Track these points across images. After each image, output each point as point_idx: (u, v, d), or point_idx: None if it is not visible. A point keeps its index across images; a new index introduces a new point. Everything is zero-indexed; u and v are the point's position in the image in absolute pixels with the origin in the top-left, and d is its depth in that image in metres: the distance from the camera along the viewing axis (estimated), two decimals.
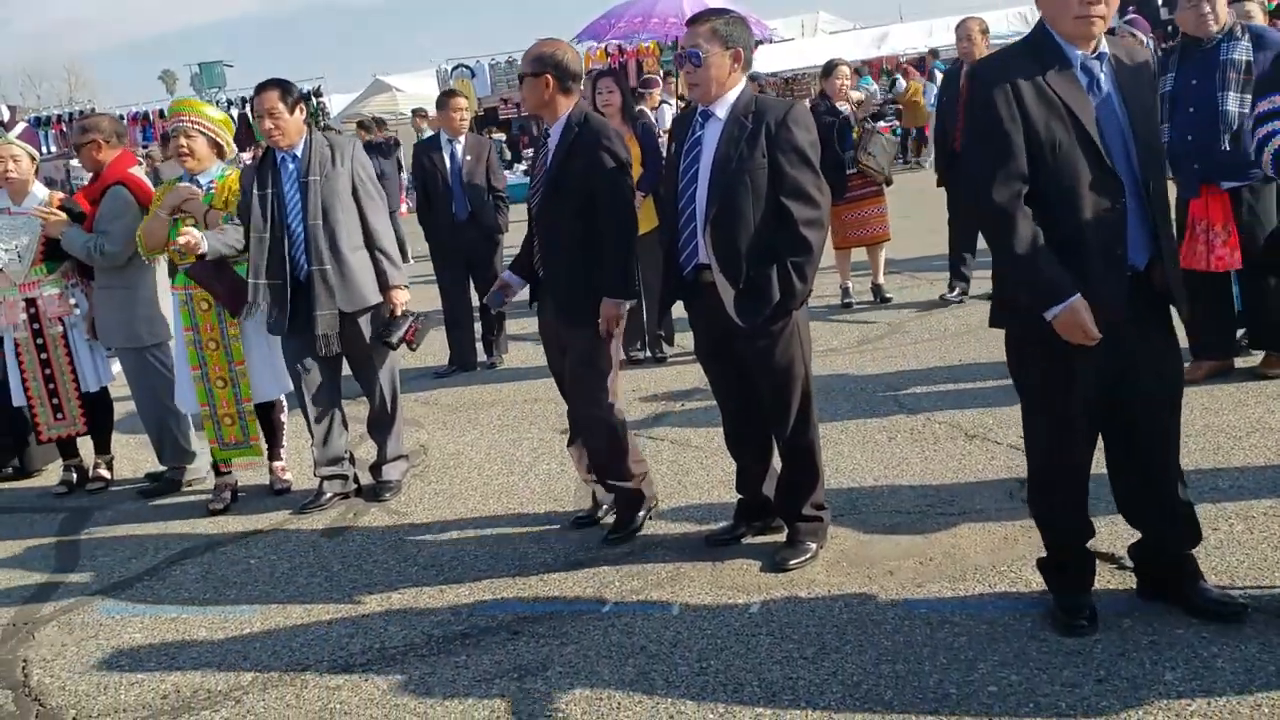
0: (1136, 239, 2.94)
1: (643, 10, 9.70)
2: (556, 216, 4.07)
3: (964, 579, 3.57)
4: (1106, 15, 2.88)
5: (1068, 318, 2.86)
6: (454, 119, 7.33)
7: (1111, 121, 2.92)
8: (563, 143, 4.07)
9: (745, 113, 3.69)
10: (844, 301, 8.22)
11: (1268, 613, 3.10)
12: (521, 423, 6.03)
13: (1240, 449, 4.40)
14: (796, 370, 3.77)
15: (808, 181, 3.65)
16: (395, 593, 4.02)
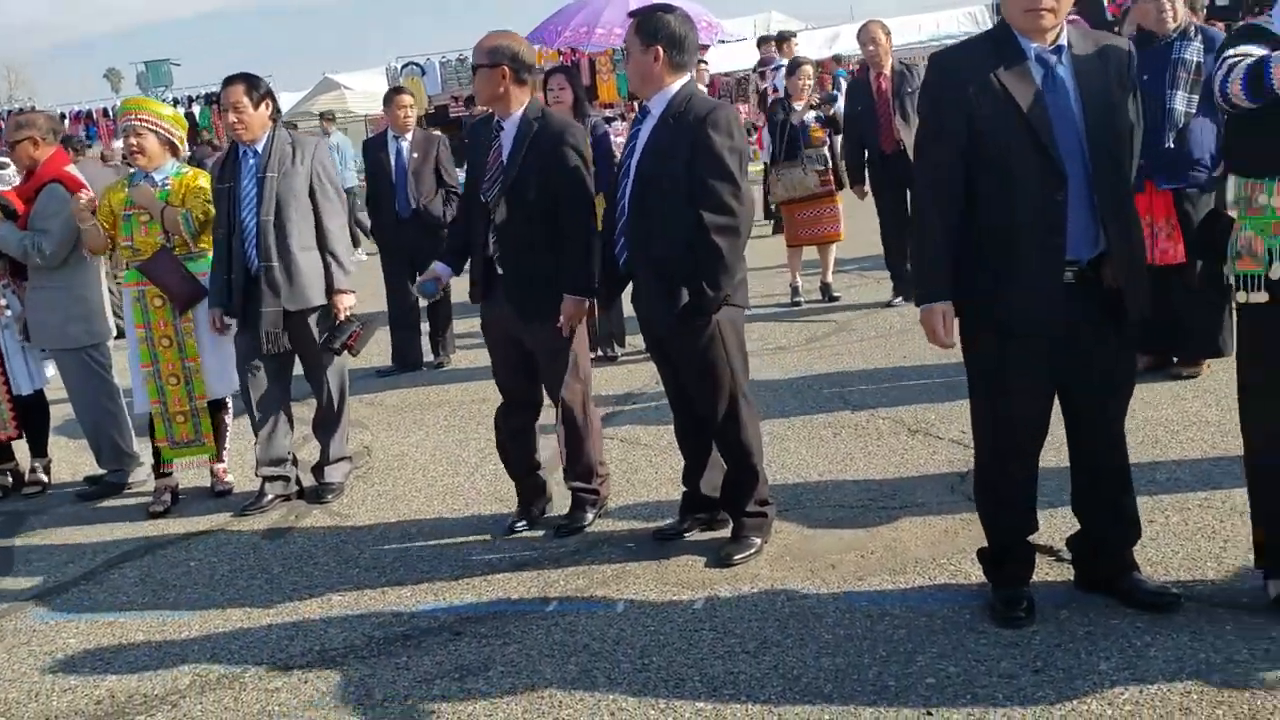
0: (1080, 232, 2.97)
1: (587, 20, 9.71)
2: (517, 214, 4.03)
3: (904, 572, 3.59)
4: (1056, 9, 2.91)
5: (925, 318, 3.05)
6: (399, 116, 7.27)
7: (1062, 115, 2.94)
8: (520, 138, 4.04)
9: (675, 112, 3.68)
10: (794, 300, 8.26)
11: (1199, 602, 3.16)
12: (468, 423, 5.99)
13: (1177, 442, 4.47)
14: (720, 373, 3.75)
15: (722, 188, 3.59)
16: (336, 594, 3.97)
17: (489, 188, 4.09)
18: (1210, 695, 2.70)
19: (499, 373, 4.32)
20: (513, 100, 4.06)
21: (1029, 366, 3.02)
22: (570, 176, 4.00)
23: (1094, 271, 3.01)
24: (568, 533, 4.22)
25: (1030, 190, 2.93)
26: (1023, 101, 2.91)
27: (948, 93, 2.98)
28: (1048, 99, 2.93)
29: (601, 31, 9.40)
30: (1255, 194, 2.91)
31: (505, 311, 4.14)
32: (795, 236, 8.24)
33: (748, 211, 3.69)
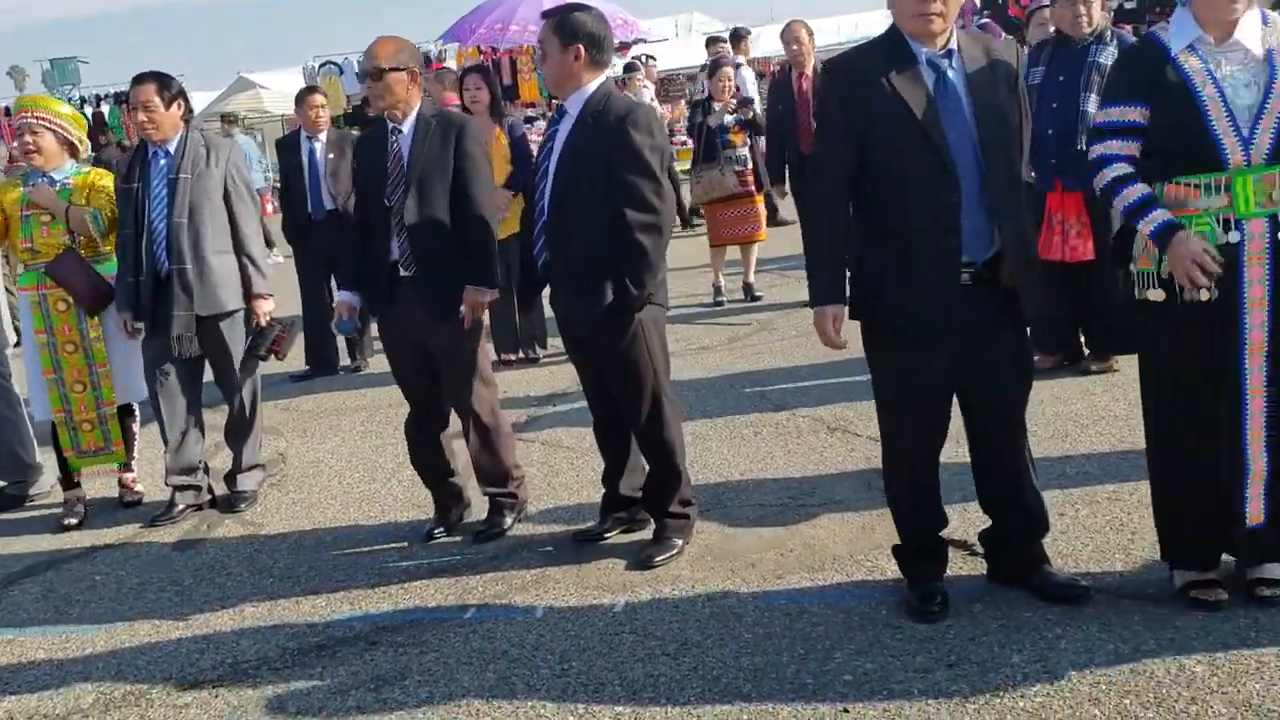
0: (975, 233, 3.01)
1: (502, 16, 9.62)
2: (425, 213, 4.00)
3: (823, 569, 3.61)
4: (945, 13, 2.94)
5: (817, 320, 3.14)
6: (310, 116, 7.13)
7: (954, 117, 2.98)
8: (419, 138, 4.02)
9: (593, 111, 3.67)
10: (716, 300, 8.29)
11: (1108, 594, 3.22)
12: (385, 428, 5.90)
13: (1086, 436, 4.57)
14: (643, 372, 3.75)
15: (644, 186, 3.60)
16: (249, 606, 3.87)
17: (392, 191, 4.03)
18: (1118, 685, 2.76)
19: (407, 381, 4.24)
20: (412, 102, 4.06)
21: (928, 367, 3.06)
22: (472, 167, 4.02)
23: (990, 272, 3.05)
24: (486, 538, 4.17)
25: (924, 193, 2.96)
26: (915, 106, 2.94)
27: (841, 97, 3.03)
28: (939, 103, 2.97)
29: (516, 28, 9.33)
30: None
31: (411, 317, 4.07)
32: (717, 236, 8.27)
33: (669, 209, 3.70)
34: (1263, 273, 2.87)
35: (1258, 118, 2.82)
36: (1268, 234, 2.86)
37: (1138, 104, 2.91)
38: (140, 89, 4.67)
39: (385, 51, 4.04)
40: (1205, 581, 3.07)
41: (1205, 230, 2.87)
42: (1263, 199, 2.85)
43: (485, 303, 4.10)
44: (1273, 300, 2.88)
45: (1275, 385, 2.92)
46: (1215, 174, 2.85)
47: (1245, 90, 2.83)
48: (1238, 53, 2.85)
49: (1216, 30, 2.86)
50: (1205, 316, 2.90)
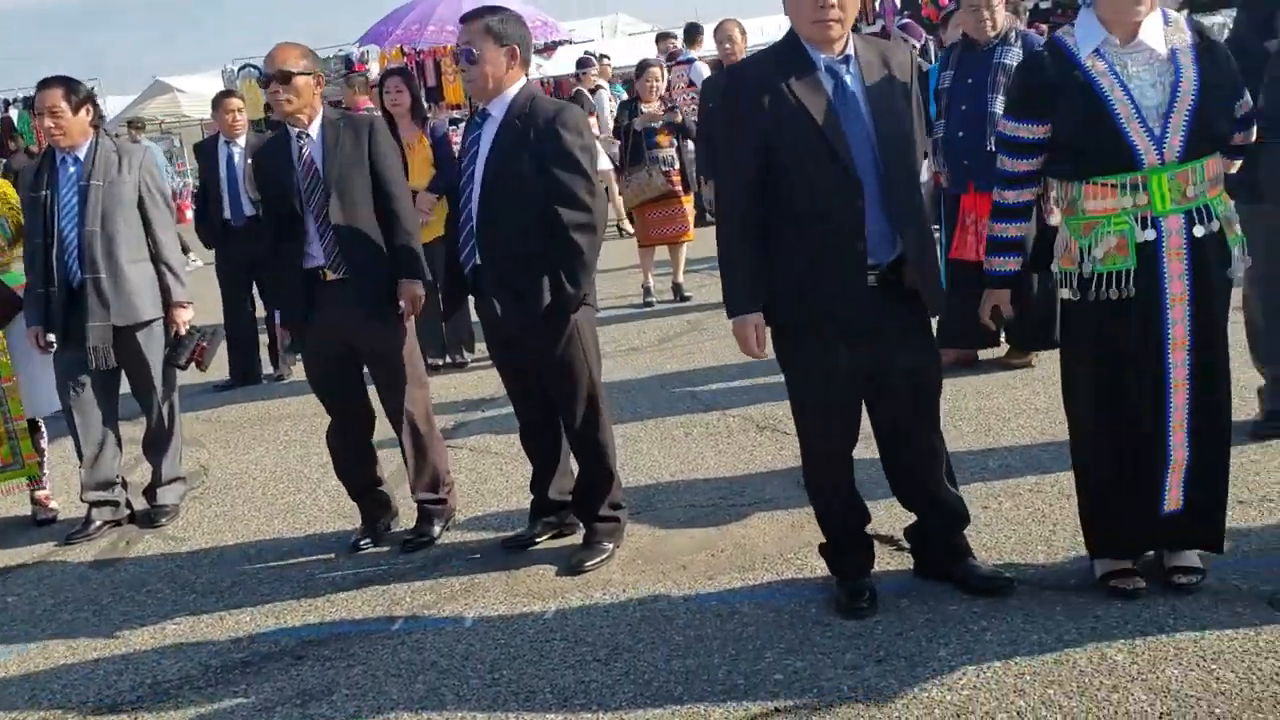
0: (878, 236, 3.04)
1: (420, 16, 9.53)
2: (352, 214, 3.97)
3: (753, 569, 3.62)
4: (843, 19, 2.97)
5: (738, 329, 3.11)
6: (227, 120, 6.98)
7: (854, 122, 3.01)
8: (328, 140, 4.00)
9: (520, 114, 3.65)
10: (645, 300, 8.29)
11: (1032, 585, 3.27)
12: (310, 437, 5.78)
13: (1008, 429, 4.65)
14: (579, 373, 3.74)
15: (577, 185, 3.60)
16: (170, 624, 3.77)
17: (309, 196, 3.98)
18: (1043, 675, 2.80)
19: (332, 390, 4.16)
20: (317, 106, 4.05)
21: (839, 368, 3.09)
22: (387, 167, 4.05)
23: (894, 274, 3.09)
24: (414, 547, 4.11)
25: (830, 198, 2.99)
26: (816, 112, 2.96)
27: (744, 105, 3.03)
28: (839, 108, 2.99)
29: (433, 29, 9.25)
30: (1070, 195, 3.03)
31: (339, 321, 4.01)
32: (646, 237, 8.27)
33: (602, 207, 3.71)
34: (1181, 268, 2.93)
35: (1167, 117, 2.87)
36: (1184, 230, 2.92)
37: (1036, 121, 2.97)
38: (46, 94, 4.55)
39: (291, 55, 4.01)
40: (1124, 571, 3.14)
41: (1124, 229, 2.93)
42: (1177, 196, 2.91)
43: (422, 295, 4.08)
44: (1193, 294, 2.94)
45: (1196, 378, 2.99)
46: (1131, 173, 2.91)
47: (1152, 90, 2.89)
48: (1143, 53, 2.90)
49: (1121, 31, 2.91)
50: (1127, 312, 2.96)
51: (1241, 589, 3.09)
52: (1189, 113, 2.88)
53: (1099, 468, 3.12)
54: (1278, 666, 2.71)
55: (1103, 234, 2.95)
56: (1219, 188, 3.01)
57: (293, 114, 3.99)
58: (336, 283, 4.01)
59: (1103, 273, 2.95)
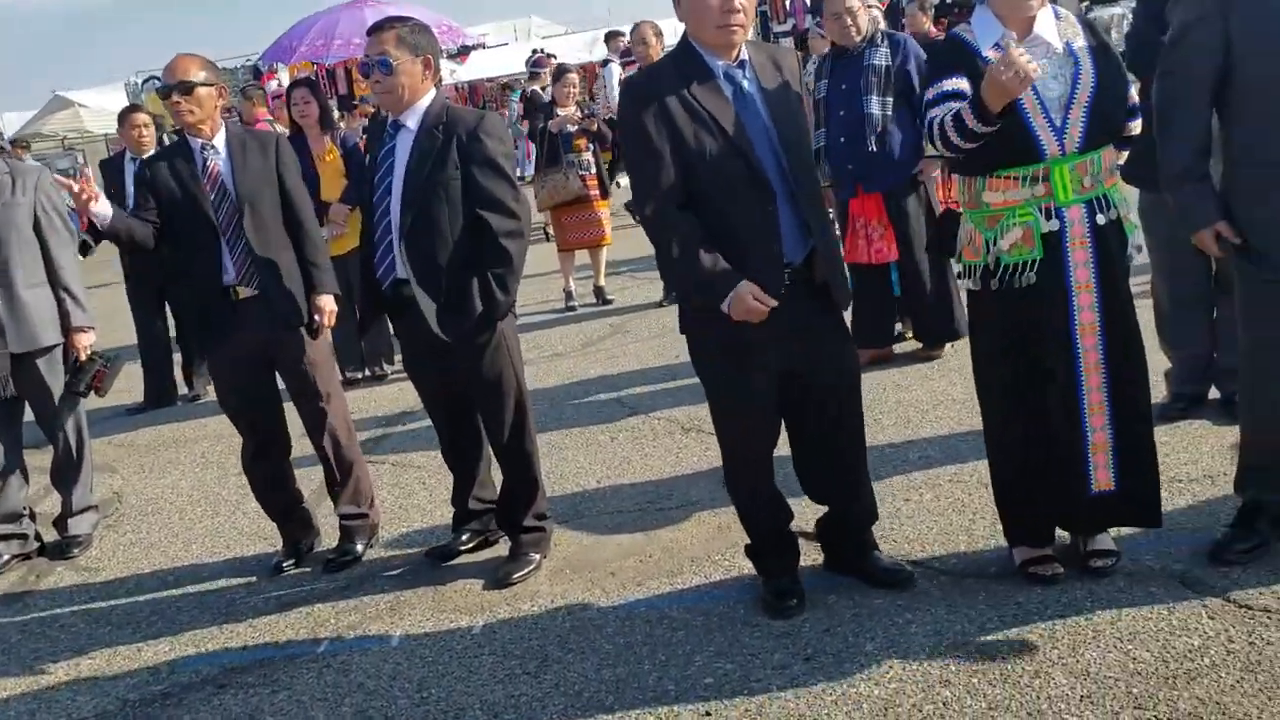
0: (790, 236, 3.06)
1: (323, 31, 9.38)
2: (264, 228, 3.92)
3: (681, 573, 3.62)
4: (746, 25, 2.99)
5: (739, 304, 2.96)
6: (134, 136, 6.79)
7: (757, 128, 3.03)
8: (235, 153, 3.94)
9: (437, 123, 3.60)
10: (567, 305, 8.26)
11: (953, 575, 3.32)
12: (228, 458, 5.64)
13: (927, 421, 4.72)
14: (507, 381, 3.72)
15: (504, 192, 3.59)
16: (85, 658, 3.66)
17: (218, 210, 3.89)
18: (967, 664, 2.84)
19: (247, 410, 4.07)
20: (219, 119, 3.99)
21: (758, 368, 3.09)
22: (294, 182, 4.04)
23: (806, 271, 3.11)
24: (338, 566, 4.04)
25: (744, 206, 2.99)
26: (721, 119, 2.97)
27: (648, 117, 2.98)
28: (741, 113, 3.00)
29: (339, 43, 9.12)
30: (973, 190, 3.07)
31: (255, 336, 3.93)
32: (565, 241, 8.25)
33: (528, 214, 3.70)
34: (1086, 256, 3.00)
35: (1067, 108, 2.94)
36: (1086, 219, 2.99)
37: (960, 75, 2.96)
38: None
39: (191, 65, 3.92)
40: (1042, 558, 3.20)
41: (1029, 220, 2.98)
42: (1078, 186, 2.98)
43: (335, 309, 4.05)
44: (1099, 280, 3.01)
45: (1110, 361, 3.05)
46: (1033, 165, 2.96)
47: (1053, 82, 2.95)
48: (1040, 47, 2.96)
49: (1017, 26, 2.97)
50: (1034, 301, 3.01)
51: (1155, 569, 3.18)
52: (1088, 104, 2.95)
53: (1013, 455, 3.18)
54: (1191, 644, 2.78)
55: (1007, 226, 3.00)
56: (1115, 177, 3.10)
57: (194, 125, 3.90)
58: (249, 300, 3.92)
59: (1009, 263, 3.01)
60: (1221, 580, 3.05)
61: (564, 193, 7.92)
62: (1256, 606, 2.90)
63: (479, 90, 20.33)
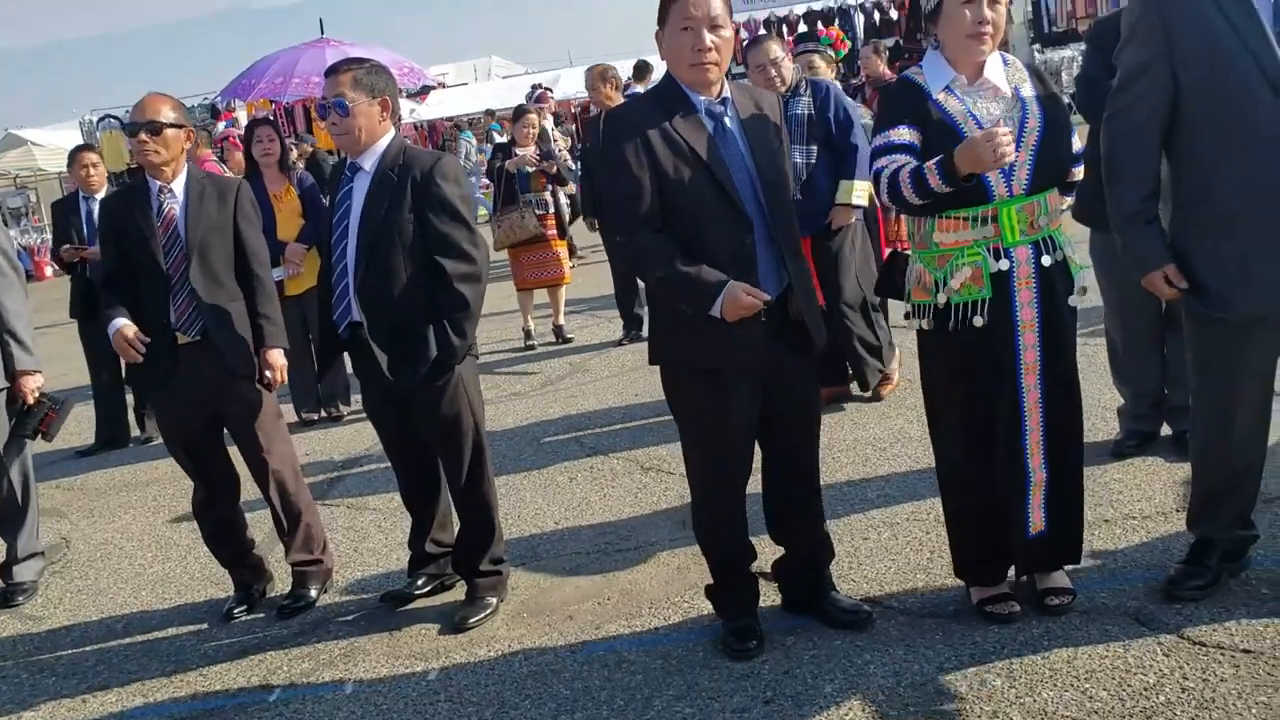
0: (766, 271, 3.08)
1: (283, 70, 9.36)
2: (211, 274, 3.86)
3: (640, 615, 3.59)
4: (719, 62, 3.02)
5: (731, 304, 2.94)
6: (83, 176, 6.71)
7: (737, 163, 3.05)
8: (193, 198, 3.90)
9: (393, 165, 3.58)
10: (526, 344, 8.25)
11: (911, 614, 3.32)
12: (179, 501, 5.55)
13: (885, 459, 4.73)
14: (465, 424, 3.68)
15: (460, 236, 3.57)
16: (28, 711, 3.55)
17: (168, 253, 3.85)
18: (925, 705, 2.83)
19: (193, 455, 4.01)
20: (183, 161, 3.95)
21: (734, 402, 3.10)
22: (251, 231, 4.00)
23: (781, 308, 3.12)
24: (291, 612, 3.97)
25: (721, 237, 3.01)
26: (701, 151, 3.00)
27: (629, 146, 3.00)
28: (722, 148, 3.03)
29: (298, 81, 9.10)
30: (923, 230, 3.11)
31: (199, 382, 3.87)
32: (523, 280, 8.25)
33: (485, 257, 3.66)
34: (1031, 296, 3.05)
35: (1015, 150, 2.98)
36: (1032, 260, 3.04)
37: (909, 126, 3.02)
38: None
39: (162, 106, 3.88)
40: (999, 596, 3.21)
41: (978, 259, 3.02)
42: (1025, 227, 3.03)
43: (285, 364, 4.00)
44: (1041, 321, 3.06)
45: (1048, 401, 3.10)
46: (982, 206, 3.01)
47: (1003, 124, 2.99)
48: (989, 90, 3.03)
49: (967, 70, 3.04)
50: (981, 340, 3.05)
51: (1110, 606, 3.19)
52: (1035, 148, 3.01)
53: (964, 495, 3.21)
54: (1146, 681, 2.79)
55: (957, 265, 3.04)
56: (1059, 220, 3.16)
57: (159, 166, 3.87)
58: (189, 346, 3.87)
59: (959, 303, 3.04)
60: (1175, 617, 3.07)
61: (521, 232, 7.94)
62: (1210, 643, 2.92)
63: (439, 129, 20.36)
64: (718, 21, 2.99)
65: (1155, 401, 4.35)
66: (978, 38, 2.97)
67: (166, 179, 3.89)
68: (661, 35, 3.07)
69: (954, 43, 3.01)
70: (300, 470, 4.13)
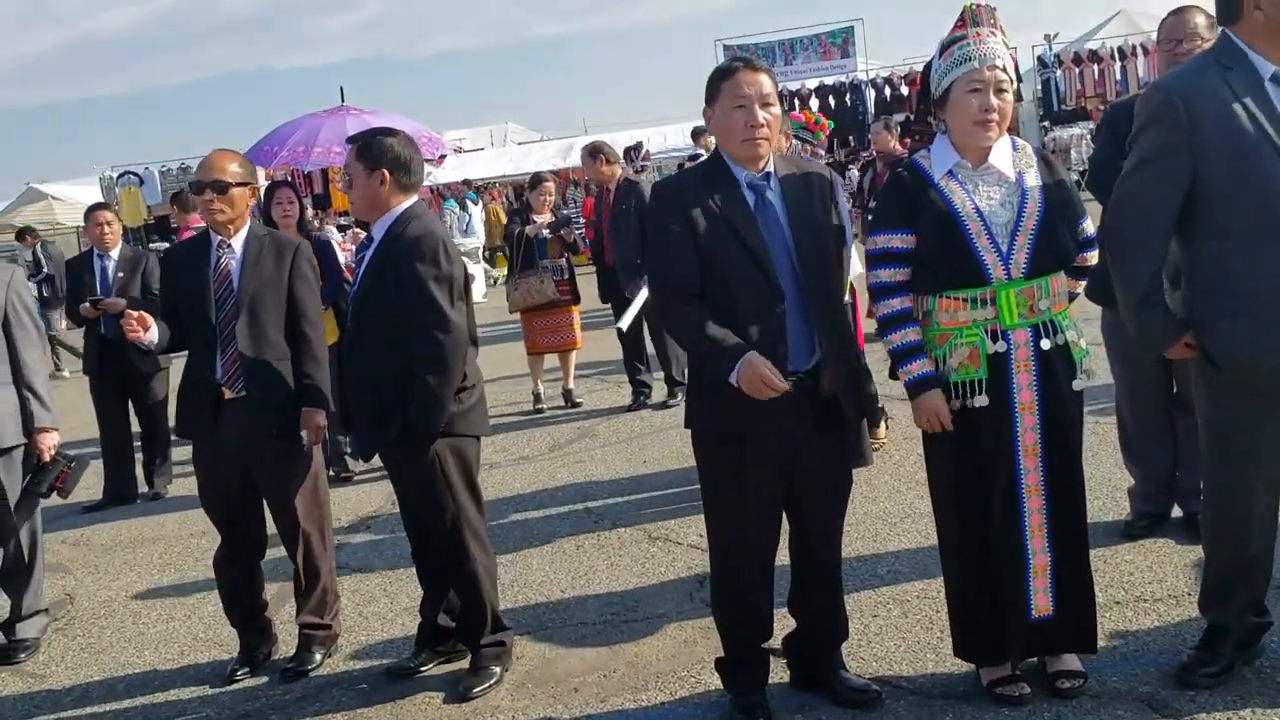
0: (798, 344, 3.09)
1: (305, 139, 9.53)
2: (259, 332, 3.90)
3: (646, 689, 3.56)
4: (771, 138, 3.09)
5: (748, 372, 2.95)
6: (98, 234, 6.80)
7: (776, 235, 3.10)
8: (251, 256, 3.95)
9: (393, 236, 3.64)
10: (536, 407, 8.26)
11: (920, 694, 3.28)
12: (186, 560, 5.55)
13: (895, 534, 4.71)
14: (440, 505, 3.64)
15: (427, 319, 3.51)
16: None
17: (220, 308, 3.90)
18: None
19: (226, 507, 4.00)
20: (246, 218, 4.02)
21: (759, 473, 3.10)
22: (307, 291, 4.02)
23: (812, 380, 3.13)
24: (294, 676, 3.93)
25: (753, 305, 3.05)
26: (739, 224, 3.06)
27: (671, 215, 3.10)
28: (759, 218, 3.09)
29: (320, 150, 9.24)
30: (924, 308, 3.16)
31: (237, 438, 3.88)
32: (535, 345, 8.30)
33: (455, 339, 3.55)
34: (1030, 379, 3.07)
35: (1013, 235, 3.04)
36: (1031, 343, 3.07)
37: (902, 231, 3.10)
38: None
39: (229, 164, 3.97)
40: (1009, 678, 3.17)
41: (975, 340, 3.05)
42: (1024, 310, 3.06)
43: (323, 425, 3.98)
44: (1041, 403, 3.08)
45: (1049, 482, 3.10)
46: (981, 288, 3.05)
47: (1001, 209, 3.06)
48: (992, 174, 3.09)
49: (973, 156, 3.09)
50: (980, 420, 3.06)
51: (1121, 690, 3.16)
52: (1034, 231, 3.05)
53: (964, 574, 3.20)
54: None
55: (955, 345, 3.07)
56: (1064, 303, 3.18)
57: (224, 224, 3.93)
58: (236, 401, 3.89)
59: (957, 381, 3.07)
60: (1188, 704, 3.03)
61: (537, 296, 8.00)
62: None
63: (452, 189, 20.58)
64: (769, 100, 3.08)
65: (1166, 482, 4.33)
66: (984, 125, 3.03)
67: (228, 234, 3.95)
68: (711, 112, 3.16)
69: (960, 129, 3.07)
70: (330, 532, 4.12)
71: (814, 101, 21.39)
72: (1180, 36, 4.03)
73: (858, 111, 21.00)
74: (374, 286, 3.61)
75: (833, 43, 22.18)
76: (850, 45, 22.01)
